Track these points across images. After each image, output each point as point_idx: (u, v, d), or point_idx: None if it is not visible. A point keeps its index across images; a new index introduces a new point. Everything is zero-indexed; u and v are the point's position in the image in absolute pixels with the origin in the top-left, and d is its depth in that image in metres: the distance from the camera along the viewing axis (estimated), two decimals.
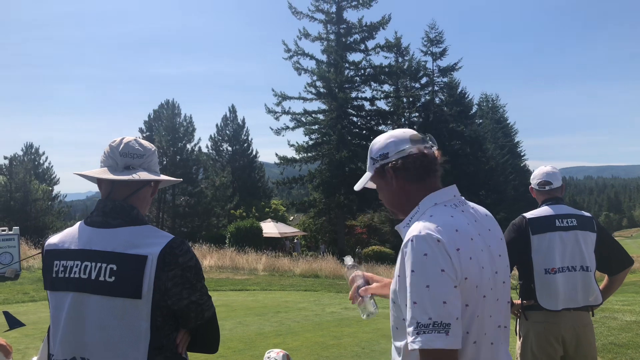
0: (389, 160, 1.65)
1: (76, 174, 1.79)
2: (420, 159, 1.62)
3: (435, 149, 1.69)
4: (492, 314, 1.54)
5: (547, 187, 3.29)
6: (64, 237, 1.76)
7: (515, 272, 3.34)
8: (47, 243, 1.79)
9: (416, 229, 1.50)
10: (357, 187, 1.83)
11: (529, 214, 3.22)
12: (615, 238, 3.42)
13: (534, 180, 3.36)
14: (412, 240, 1.47)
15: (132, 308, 1.59)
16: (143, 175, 1.75)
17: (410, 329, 1.41)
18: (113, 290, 1.59)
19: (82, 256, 1.66)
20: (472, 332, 1.48)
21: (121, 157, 1.77)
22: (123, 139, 1.82)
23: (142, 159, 1.79)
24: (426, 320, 1.38)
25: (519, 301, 3.24)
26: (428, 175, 1.64)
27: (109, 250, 1.63)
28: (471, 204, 1.69)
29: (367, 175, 1.77)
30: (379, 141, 1.73)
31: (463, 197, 1.67)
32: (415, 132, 1.71)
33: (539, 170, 3.41)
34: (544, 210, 3.21)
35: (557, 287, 3.05)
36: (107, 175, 1.74)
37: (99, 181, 1.79)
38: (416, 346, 1.38)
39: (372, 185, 1.80)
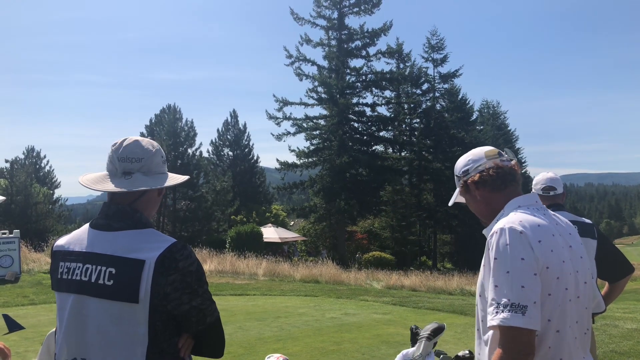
0: (470, 175, 1.89)
1: (80, 183, 1.77)
2: (496, 171, 1.83)
3: (513, 161, 1.88)
4: (575, 309, 1.66)
5: (551, 193, 3.28)
6: (71, 239, 1.77)
7: None
8: (55, 244, 1.80)
9: (501, 223, 1.69)
10: (450, 202, 2.09)
11: None
12: (616, 245, 3.41)
13: (538, 185, 3.33)
14: (496, 232, 1.66)
15: (129, 312, 1.58)
16: (141, 186, 1.72)
17: (490, 309, 1.57)
18: (111, 293, 1.59)
19: (84, 258, 1.67)
20: (554, 321, 1.61)
21: (119, 162, 1.74)
22: (124, 140, 1.78)
23: (141, 163, 1.75)
24: (505, 302, 1.54)
25: None
26: (506, 185, 1.83)
27: (109, 253, 1.63)
28: (551, 211, 1.84)
29: (457, 191, 2.01)
30: (460, 161, 1.97)
31: (544, 205, 1.83)
32: (491, 148, 1.91)
33: (542, 176, 3.38)
34: None
35: None
36: (106, 185, 1.73)
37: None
38: (494, 323, 1.55)
39: (462, 200, 2.02)
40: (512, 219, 1.68)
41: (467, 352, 2.41)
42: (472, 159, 1.92)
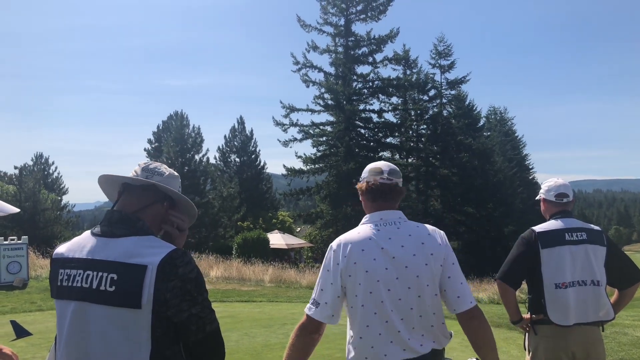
0: (361, 183, 2.32)
1: (103, 175, 1.87)
2: (372, 186, 2.24)
3: (392, 181, 2.24)
4: (394, 309, 2.07)
5: (564, 200, 3.25)
6: (71, 245, 1.78)
7: (524, 286, 3.31)
8: (55, 252, 1.81)
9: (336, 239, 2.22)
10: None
11: (538, 228, 3.18)
12: (625, 252, 3.37)
13: (551, 192, 3.28)
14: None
15: (132, 318, 1.58)
16: (151, 181, 1.80)
17: None
18: (113, 299, 1.60)
19: (85, 265, 1.67)
20: (359, 318, 2.11)
21: (142, 171, 1.85)
22: (151, 162, 1.92)
23: (161, 177, 1.85)
24: (313, 298, 2.21)
25: (528, 315, 3.21)
26: (374, 199, 2.25)
27: (111, 259, 1.64)
28: (412, 224, 2.19)
29: None
30: (364, 169, 2.38)
31: (398, 219, 2.20)
32: (377, 167, 2.29)
33: (554, 182, 3.32)
34: (553, 224, 3.17)
35: (568, 302, 3.00)
36: (124, 178, 1.84)
37: (118, 194, 1.86)
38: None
39: None
40: (339, 237, 2.21)
41: (474, 359, 2.41)
42: (366, 170, 2.33)
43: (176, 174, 1.95)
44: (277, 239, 32.84)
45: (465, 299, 2.13)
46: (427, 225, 2.24)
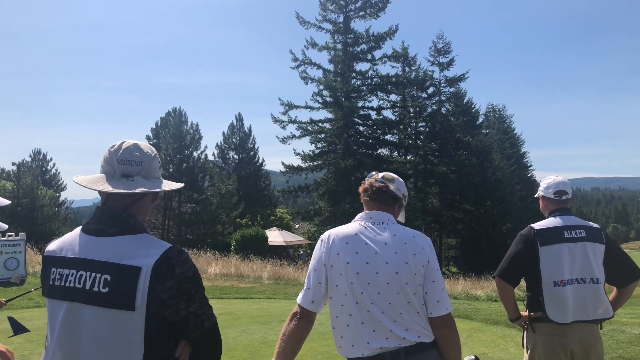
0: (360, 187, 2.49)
1: (75, 182, 1.73)
2: (366, 188, 2.42)
3: (383, 184, 2.39)
4: (373, 302, 2.13)
5: (563, 197, 3.24)
6: (62, 243, 1.72)
7: (523, 283, 3.30)
8: (46, 249, 1.76)
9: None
10: None
11: (537, 225, 3.17)
12: (623, 250, 3.36)
13: (550, 189, 3.27)
14: None
15: (125, 320, 1.56)
16: (141, 187, 1.69)
17: None
18: (107, 301, 1.56)
19: (78, 265, 1.63)
20: (337, 308, 2.19)
21: (119, 164, 1.72)
22: (122, 143, 1.76)
23: (141, 166, 1.73)
24: (305, 284, 2.30)
25: (526, 313, 3.20)
26: (368, 200, 2.41)
27: (104, 260, 1.60)
28: (399, 226, 2.30)
29: None
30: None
31: (387, 220, 2.31)
32: (377, 174, 2.47)
33: (552, 179, 3.32)
34: (552, 221, 3.16)
35: (567, 299, 2.99)
36: (104, 186, 1.69)
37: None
38: None
39: None
40: (334, 229, 2.33)
41: (473, 357, 2.41)
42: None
43: (153, 150, 1.80)
44: (275, 236, 32.85)
45: (443, 304, 2.22)
46: (414, 230, 2.32)
